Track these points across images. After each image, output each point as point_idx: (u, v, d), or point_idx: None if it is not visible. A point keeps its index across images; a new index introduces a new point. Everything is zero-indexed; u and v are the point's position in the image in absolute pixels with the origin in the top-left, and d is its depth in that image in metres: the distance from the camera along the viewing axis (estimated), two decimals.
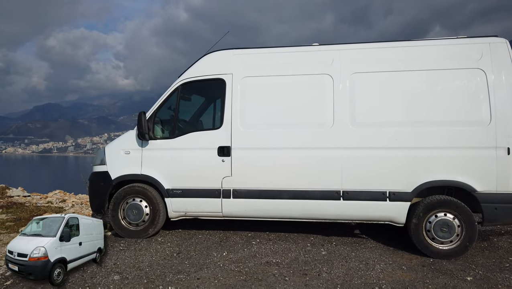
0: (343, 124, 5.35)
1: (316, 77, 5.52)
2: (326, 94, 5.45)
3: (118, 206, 5.92)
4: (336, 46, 5.57)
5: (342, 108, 5.37)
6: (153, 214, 5.84)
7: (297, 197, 5.44)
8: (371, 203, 5.26)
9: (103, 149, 6.24)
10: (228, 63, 5.80)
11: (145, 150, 5.89)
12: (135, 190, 5.90)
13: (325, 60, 5.52)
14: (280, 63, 5.69)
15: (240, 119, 5.65)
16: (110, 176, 5.93)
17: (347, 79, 5.41)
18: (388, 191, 5.22)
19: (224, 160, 5.62)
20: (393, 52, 5.40)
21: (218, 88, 5.85)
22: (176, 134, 5.87)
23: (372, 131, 5.28)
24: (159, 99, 5.97)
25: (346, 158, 5.31)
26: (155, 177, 5.82)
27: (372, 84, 5.36)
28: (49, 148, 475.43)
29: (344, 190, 5.33)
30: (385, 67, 5.34)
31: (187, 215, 5.90)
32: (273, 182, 5.51)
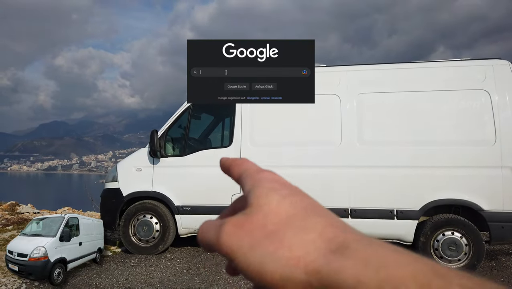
0: (350, 142, 5.47)
1: (324, 97, 5.67)
2: (334, 113, 5.59)
3: (129, 222, 6.02)
4: (343, 68, 5.75)
5: (350, 127, 5.50)
6: (163, 230, 5.93)
7: None
8: (379, 221, 5.32)
9: (115, 166, 6.38)
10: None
11: (156, 167, 6.02)
12: (145, 206, 6.00)
13: (332, 81, 5.69)
14: None
15: (249, 137, 5.79)
16: (121, 192, 6.05)
17: (354, 99, 5.56)
18: (395, 209, 5.29)
19: None
20: (399, 73, 5.56)
21: (228, 107, 6.02)
22: (187, 152, 6.01)
23: (378, 149, 5.39)
24: (170, 118, 6.14)
25: (353, 176, 5.41)
26: (166, 194, 5.93)
27: (378, 104, 5.51)
28: (54, 166, 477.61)
29: (352, 208, 5.40)
30: (391, 88, 5.49)
31: (196, 232, 5.96)
32: None
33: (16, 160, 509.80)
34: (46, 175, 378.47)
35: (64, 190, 65.86)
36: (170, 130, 6.12)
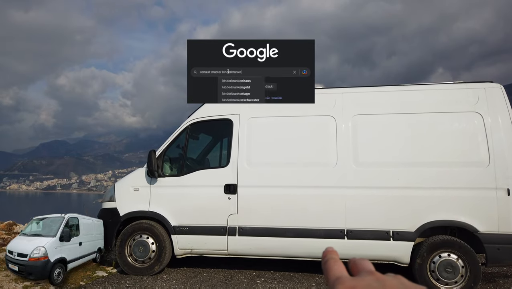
0: (346, 163, 5.52)
1: (319, 118, 5.76)
2: (330, 134, 5.67)
3: (125, 242, 6.00)
4: (339, 90, 5.86)
5: (345, 148, 5.56)
6: (159, 251, 5.91)
7: (301, 235, 5.52)
8: (375, 242, 5.32)
9: (112, 186, 6.41)
10: (234, 105, 6.08)
11: (153, 187, 6.05)
12: (142, 226, 6.00)
13: (328, 103, 5.79)
14: (285, 105, 5.96)
15: (246, 158, 5.84)
16: (118, 212, 6.06)
17: (349, 121, 5.64)
18: (391, 230, 5.30)
19: (230, 198, 5.76)
20: (394, 95, 5.66)
21: (226, 128, 6.10)
22: (184, 172, 6.06)
23: (374, 171, 5.44)
24: (169, 138, 6.22)
25: (349, 197, 5.44)
26: (162, 214, 5.94)
27: (373, 125, 5.59)
28: (53, 185, 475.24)
29: (348, 229, 5.41)
30: (386, 110, 5.58)
31: (192, 253, 5.95)
32: (278, 220, 5.61)
33: (15, 179, 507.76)
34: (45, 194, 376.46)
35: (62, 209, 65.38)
36: (168, 150, 6.19)
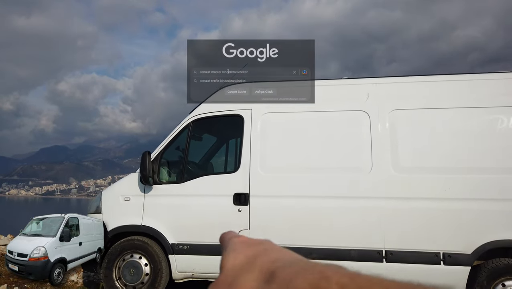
0: (383, 169, 4.50)
1: (349, 114, 4.76)
2: (362, 133, 4.66)
3: (112, 263, 4.96)
4: (372, 80, 4.86)
5: (382, 150, 4.55)
6: (154, 274, 4.87)
7: (329, 257, 4.48)
8: (422, 267, 4.28)
9: (99, 195, 5.39)
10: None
11: (148, 196, 5.03)
12: (134, 244, 4.97)
13: (359, 95, 4.79)
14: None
15: (260, 162, 4.83)
16: (105, 227, 5.03)
17: (386, 117, 4.63)
18: (442, 252, 4.27)
19: (241, 210, 4.74)
20: (440, 86, 4.65)
21: (235, 126, 5.10)
22: (185, 178, 5.04)
23: (419, 178, 4.42)
24: (167, 138, 5.21)
25: (388, 210, 4.42)
26: (158, 229, 4.92)
27: (415, 122, 4.58)
28: (52, 190, 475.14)
29: (387, 250, 4.38)
30: (432, 104, 4.57)
31: (194, 277, 4.91)
32: (300, 238, 4.58)
33: (14, 184, 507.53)
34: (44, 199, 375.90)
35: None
36: (166, 151, 5.17)
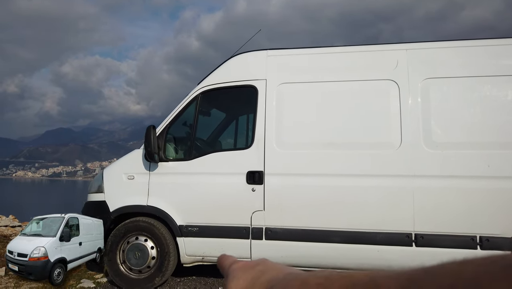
0: (414, 144, 4.05)
1: (376, 84, 4.28)
2: (390, 105, 4.19)
3: (116, 246, 4.61)
4: (402, 45, 4.36)
5: (412, 123, 4.09)
6: (161, 258, 4.51)
7: (352, 241, 4.09)
8: (456, 252, 3.87)
9: (100, 173, 5.00)
10: (261, 67, 4.61)
11: (153, 174, 4.63)
12: (139, 226, 4.60)
13: (387, 63, 4.30)
14: (327, 67, 4.49)
15: (275, 137, 4.40)
16: (108, 207, 4.66)
17: (418, 87, 4.15)
18: (479, 235, 3.85)
19: (255, 189, 4.33)
20: (482, 52, 4.14)
21: (248, 98, 4.65)
22: (194, 155, 4.62)
23: (454, 154, 3.97)
24: (173, 111, 4.77)
25: (419, 190, 3.99)
26: (165, 209, 4.53)
27: (451, 92, 4.11)
28: (59, 172, 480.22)
29: (417, 233, 3.97)
30: (470, 71, 4.08)
31: (204, 261, 4.55)
32: (320, 220, 4.18)
33: (21, 166, 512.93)
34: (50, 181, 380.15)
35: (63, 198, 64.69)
36: (172, 126, 4.74)
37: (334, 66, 4.48)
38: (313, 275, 0.35)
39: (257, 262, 0.45)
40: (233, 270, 0.45)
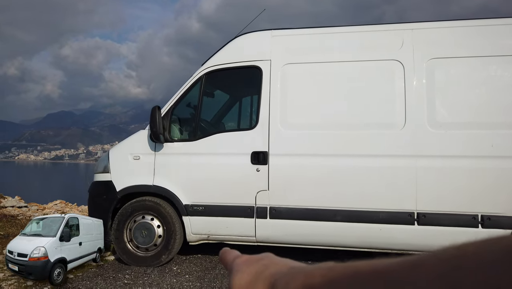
0: (418, 124, 4.08)
1: (380, 64, 4.28)
2: (395, 85, 4.20)
3: (123, 225, 4.70)
4: (408, 25, 4.33)
5: (417, 104, 4.10)
6: (167, 236, 4.60)
7: (355, 220, 4.16)
8: (457, 230, 3.94)
9: (106, 153, 5.05)
10: (265, 47, 4.60)
11: (158, 155, 4.68)
12: (145, 205, 4.68)
13: (392, 42, 4.28)
14: (332, 47, 4.47)
15: (280, 117, 4.42)
16: (114, 187, 4.73)
17: (423, 67, 4.15)
18: (480, 214, 3.91)
19: (260, 170, 4.38)
20: (489, 32, 4.12)
21: (253, 78, 4.65)
22: (198, 136, 4.66)
23: (458, 134, 4.00)
24: (178, 92, 4.78)
25: (422, 169, 4.03)
26: (171, 189, 4.60)
27: (456, 72, 4.11)
28: (61, 155, 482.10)
29: (419, 212, 4.03)
30: (476, 51, 4.07)
31: (210, 239, 4.64)
32: (323, 199, 4.24)
33: (23, 149, 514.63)
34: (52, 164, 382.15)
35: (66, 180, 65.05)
36: (177, 107, 4.76)
37: (339, 46, 4.47)
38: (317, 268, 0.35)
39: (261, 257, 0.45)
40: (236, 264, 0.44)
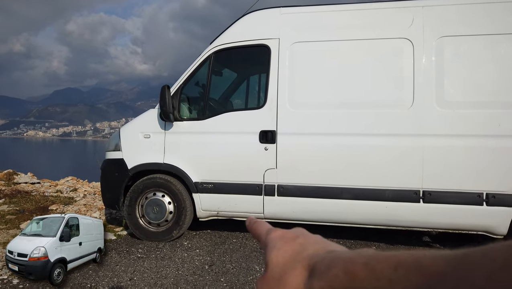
0: (426, 104, 4.09)
1: (389, 42, 4.25)
2: (403, 64, 4.19)
3: (135, 201, 4.84)
4: (419, 2, 4.27)
5: (425, 83, 4.10)
6: (178, 212, 4.75)
7: (362, 198, 4.25)
8: (462, 208, 4.02)
9: (117, 132, 5.14)
10: (274, 25, 4.58)
11: (168, 133, 4.76)
12: (156, 182, 4.80)
13: (402, 21, 4.24)
14: (342, 25, 4.44)
15: (288, 96, 4.45)
16: (126, 164, 4.85)
17: (433, 45, 4.12)
18: (485, 192, 3.98)
19: (268, 148, 4.45)
20: (497, 9, 4.06)
21: (261, 57, 4.65)
22: (207, 115, 4.72)
23: (465, 113, 4.01)
24: (186, 71, 4.81)
25: (429, 148, 4.07)
26: (181, 167, 4.70)
27: (467, 51, 4.07)
28: (69, 132, 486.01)
29: (425, 190, 4.10)
30: (486, 29, 4.02)
31: (219, 215, 4.77)
32: (331, 177, 4.32)
33: (31, 126, 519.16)
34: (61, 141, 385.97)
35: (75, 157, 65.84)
36: (186, 86, 4.81)
37: (348, 24, 4.43)
38: (357, 255, 0.35)
39: (296, 234, 0.45)
40: (272, 239, 0.44)
